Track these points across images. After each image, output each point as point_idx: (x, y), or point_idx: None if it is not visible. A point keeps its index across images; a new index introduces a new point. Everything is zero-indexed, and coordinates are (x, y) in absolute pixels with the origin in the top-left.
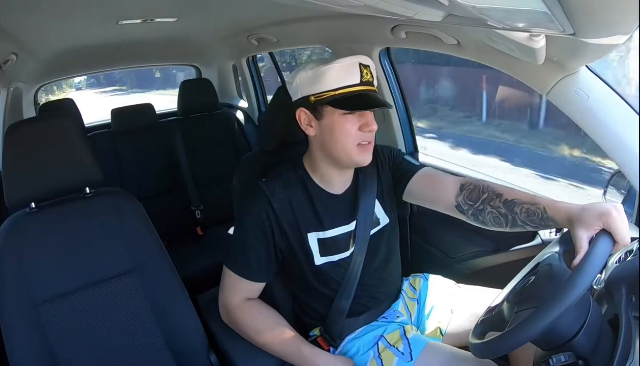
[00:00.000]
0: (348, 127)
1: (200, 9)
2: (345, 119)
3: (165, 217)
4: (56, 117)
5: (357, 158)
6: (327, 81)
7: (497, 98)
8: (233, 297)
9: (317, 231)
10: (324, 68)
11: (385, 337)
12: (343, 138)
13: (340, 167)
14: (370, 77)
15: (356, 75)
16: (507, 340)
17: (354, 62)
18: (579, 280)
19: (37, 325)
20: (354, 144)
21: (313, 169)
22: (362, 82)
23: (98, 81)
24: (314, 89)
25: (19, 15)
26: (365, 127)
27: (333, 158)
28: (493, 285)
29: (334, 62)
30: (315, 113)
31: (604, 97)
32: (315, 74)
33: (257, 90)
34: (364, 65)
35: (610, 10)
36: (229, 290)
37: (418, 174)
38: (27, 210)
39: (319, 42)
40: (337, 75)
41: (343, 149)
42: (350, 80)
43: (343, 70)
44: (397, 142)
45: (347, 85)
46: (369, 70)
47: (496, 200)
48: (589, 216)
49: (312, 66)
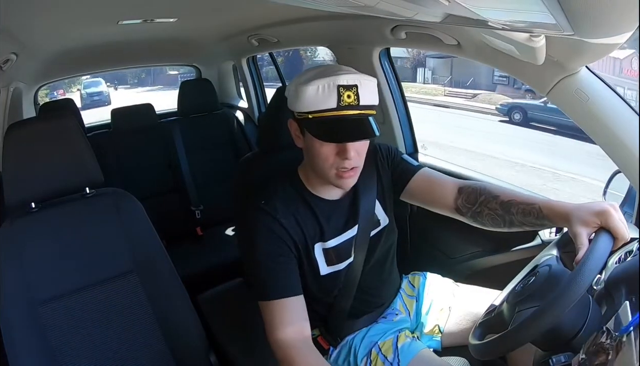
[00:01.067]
0: (324, 152)
1: (200, 10)
2: (321, 144)
3: (165, 217)
4: (56, 117)
5: (335, 182)
6: (303, 101)
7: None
8: (287, 329)
9: (322, 242)
10: (302, 87)
11: (380, 345)
12: (320, 162)
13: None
14: (353, 99)
15: (332, 99)
16: (507, 341)
17: (330, 83)
18: (579, 279)
19: (37, 325)
20: (332, 170)
21: (308, 179)
22: (340, 107)
23: (127, 81)
24: (295, 107)
25: (19, 15)
26: (342, 154)
27: (317, 175)
28: (493, 286)
29: (310, 82)
30: (301, 127)
31: (604, 97)
32: (295, 91)
33: (257, 90)
34: (346, 86)
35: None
36: (280, 324)
37: (417, 175)
38: (27, 210)
39: (319, 43)
40: (313, 97)
41: (321, 172)
42: (326, 104)
43: (318, 92)
44: (397, 142)
45: (322, 109)
46: (354, 91)
47: (493, 201)
48: (586, 214)
49: (296, 82)
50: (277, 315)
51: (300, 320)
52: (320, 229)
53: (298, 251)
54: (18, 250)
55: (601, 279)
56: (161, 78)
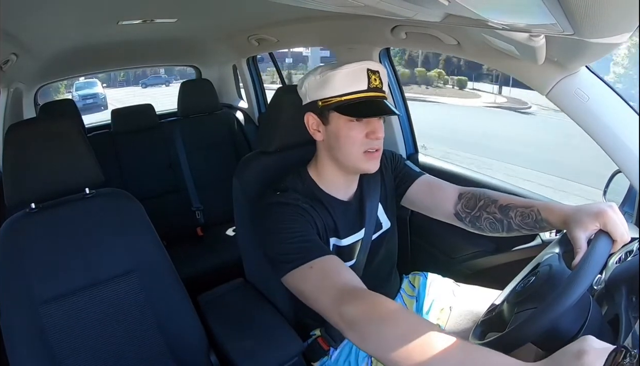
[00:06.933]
0: (354, 134)
1: (200, 10)
2: (350, 126)
3: (165, 218)
4: (56, 118)
5: (362, 166)
6: (333, 87)
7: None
8: (347, 275)
9: (336, 238)
10: (331, 73)
11: None
12: (349, 145)
13: (346, 173)
14: (378, 83)
15: (363, 81)
16: (507, 341)
17: (361, 68)
18: (579, 279)
19: (37, 325)
20: (360, 152)
21: (320, 177)
22: (370, 88)
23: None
24: (321, 94)
25: (19, 15)
26: (371, 134)
27: (340, 164)
28: (493, 286)
29: (341, 67)
30: (323, 119)
31: (604, 97)
32: (323, 79)
33: (257, 90)
34: (372, 70)
35: (610, 10)
36: (337, 274)
37: (418, 181)
38: (27, 211)
39: (319, 43)
40: (344, 80)
41: (348, 156)
42: (357, 86)
43: (350, 75)
44: (397, 143)
45: (354, 91)
46: (378, 76)
47: (492, 205)
48: (585, 216)
49: (320, 71)
50: (328, 269)
51: (354, 275)
52: (335, 225)
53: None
54: (18, 250)
55: (601, 279)
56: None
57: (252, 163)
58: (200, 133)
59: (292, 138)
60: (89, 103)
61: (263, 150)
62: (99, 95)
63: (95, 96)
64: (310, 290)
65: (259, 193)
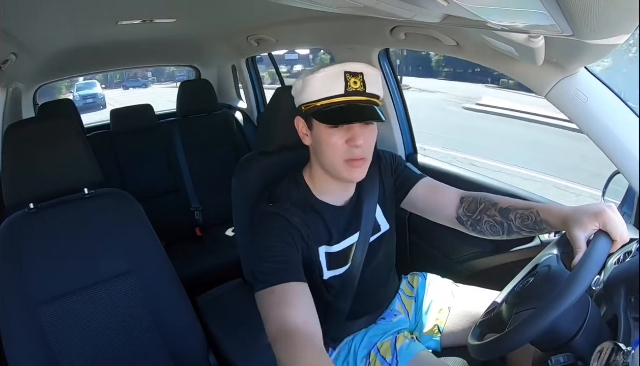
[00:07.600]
0: (333, 140)
1: (200, 10)
2: (330, 132)
3: (164, 218)
4: (55, 118)
5: (344, 175)
6: (311, 91)
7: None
8: (290, 311)
9: (327, 245)
10: (310, 76)
11: (378, 346)
12: (329, 152)
13: (337, 180)
14: (359, 86)
15: (340, 85)
16: (506, 341)
17: (338, 71)
18: (578, 280)
19: (36, 325)
20: (341, 160)
21: (314, 182)
22: (348, 92)
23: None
24: (303, 99)
25: (19, 15)
26: (350, 142)
27: (326, 170)
28: (492, 286)
29: (319, 70)
30: (308, 123)
31: (603, 98)
32: (304, 83)
33: (256, 91)
34: (352, 73)
35: (609, 10)
36: (283, 307)
37: (419, 184)
38: (26, 211)
39: (318, 43)
40: (321, 84)
41: (331, 164)
42: (334, 90)
43: (326, 79)
44: (397, 143)
45: (330, 96)
46: (360, 78)
47: (492, 208)
48: (584, 216)
49: (304, 74)
50: (284, 298)
51: (306, 308)
52: (327, 232)
53: (305, 251)
54: (17, 250)
55: (600, 279)
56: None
57: (251, 164)
58: (199, 134)
59: (291, 138)
60: (89, 103)
61: (262, 150)
62: (98, 95)
63: (94, 96)
64: (263, 314)
65: (258, 193)
